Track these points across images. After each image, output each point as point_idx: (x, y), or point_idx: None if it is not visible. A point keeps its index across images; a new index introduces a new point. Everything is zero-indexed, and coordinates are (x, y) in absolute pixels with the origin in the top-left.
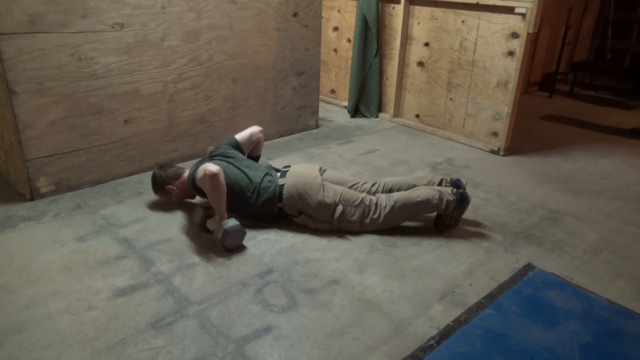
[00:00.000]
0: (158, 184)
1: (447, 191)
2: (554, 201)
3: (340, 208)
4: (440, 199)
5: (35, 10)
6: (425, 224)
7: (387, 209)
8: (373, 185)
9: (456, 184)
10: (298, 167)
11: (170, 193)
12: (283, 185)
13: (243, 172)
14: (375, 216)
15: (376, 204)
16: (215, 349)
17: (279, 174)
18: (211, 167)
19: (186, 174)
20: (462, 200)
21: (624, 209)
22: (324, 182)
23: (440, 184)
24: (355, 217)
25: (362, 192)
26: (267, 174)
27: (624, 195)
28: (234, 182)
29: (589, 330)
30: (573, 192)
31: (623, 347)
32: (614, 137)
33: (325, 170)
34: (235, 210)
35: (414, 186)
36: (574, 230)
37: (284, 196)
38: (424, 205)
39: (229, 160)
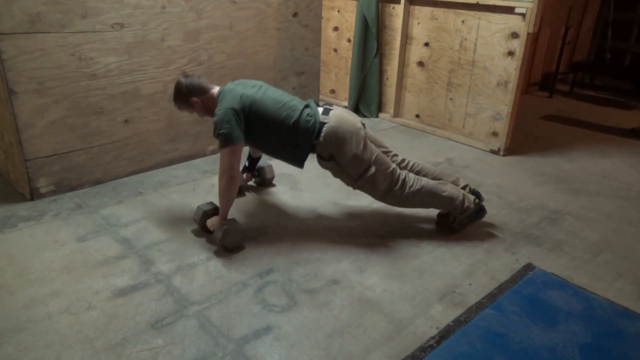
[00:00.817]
0: (183, 94)
1: (470, 198)
2: (554, 201)
3: (373, 169)
4: (462, 201)
5: (35, 10)
6: (425, 224)
7: (413, 189)
8: (403, 160)
9: (478, 195)
10: (342, 112)
11: (193, 107)
12: (325, 123)
13: (281, 100)
14: (399, 191)
15: (404, 180)
16: (215, 349)
17: (320, 110)
18: (235, 168)
19: (215, 90)
20: (479, 212)
21: (624, 209)
22: (366, 138)
23: (464, 188)
24: (381, 184)
25: (393, 163)
26: (306, 105)
27: (624, 195)
28: (269, 112)
29: (589, 330)
30: (573, 192)
31: (623, 347)
32: (614, 137)
33: (364, 125)
34: (267, 143)
35: (440, 179)
36: (574, 230)
37: (322, 134)
38: (446, 201)
39: (264, 88)
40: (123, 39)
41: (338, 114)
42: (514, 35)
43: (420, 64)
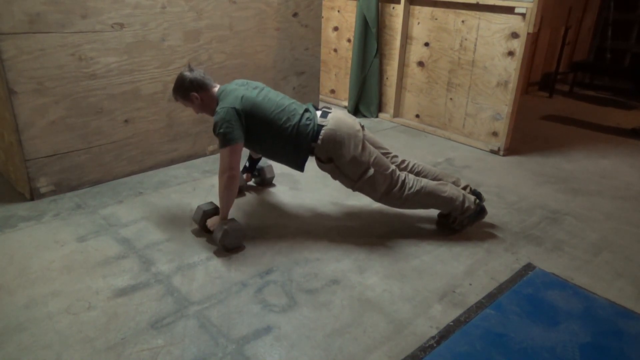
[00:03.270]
0: (184, 87)
1: (470, 198)
2: (554, 201)
3: (372, 171)
4: (462, 202)
5: (35, 10)
6: (425, 224)
7: (413, 190)
8: (403, 162)
9: (478, 196)
10: (341, 114)
11: (192, 101)
12: (323, 125)
13: (282, 104)
14: (398, 193)
15: (403, 181)
16: (215, 349)
17: (318, 113)
18: (235, 167)
19: (216, 89)
20: (480, 212)
21: (624, 209)
22: (365, 139)
23: (464, 188)
24: (380, 186)
25: (392, 164)
26: (306, 109)
27: (624, 195)
28: (269, 115)
29: (589, 330)
30: (573, 192)
31: (623, 347)
32: (614, 137)
33: (363, 127)
34: (266, 146)
35: (440, 179)
36: (574, 230)
37: (320, 137)
38: (447, 201)
39: (265, 91)
40: (123, 39)
41: (336, 117)
42: (514, 35)
43: (420, 64)
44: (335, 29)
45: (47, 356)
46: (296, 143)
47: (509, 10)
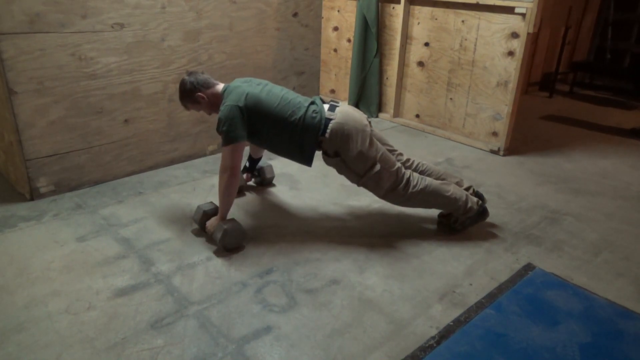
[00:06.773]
0: (187, 90)
1: (473, 199)
2: (554, 201)
3: (378, 167)
4: (465, 202)
5: (35, 10)
6: (425, 224)
7: (417, 188)
8: (407, 160)
9: (481, 197)
10: (349, 108)
11: (199, 102)
12: (331, 119)
13: (286, 98)
14: (403, 190)
15: (408, 179)
16: (215, 349)
17: (326, 106)
18: (236, 166)
19: (219, 87)
20: (482, 214)
21: (624, 209)
22: (372, 135)
23: (467, 189)
24: (385, 182)
25: (398, 162)
26: (312, 102)
27: (624, 195)
28: (274, 111)
29: (589, 330)
30: (573, 192)
31: (623, 347)
32: (614, 137)
33: (370, 123)
34: (273, 142)
35: (444, 179)
36: (574, 230)
37: (328, 131)
38: (450, 201)
39: (269, 86)
40: (123, 39)
41: (344, 111)
42: (514, 35)
43: (420, 64)
44: (335, 29)
45: (47, 356)
46: (302, 136)
47: (509, 10)
